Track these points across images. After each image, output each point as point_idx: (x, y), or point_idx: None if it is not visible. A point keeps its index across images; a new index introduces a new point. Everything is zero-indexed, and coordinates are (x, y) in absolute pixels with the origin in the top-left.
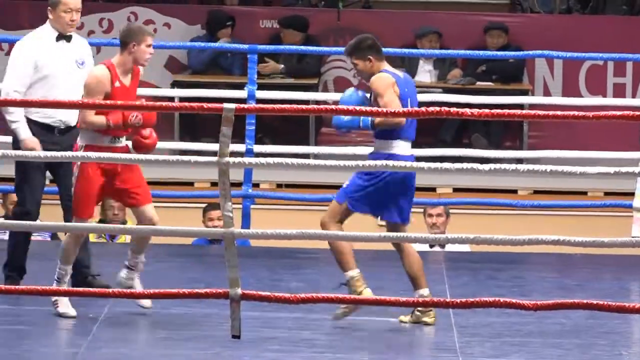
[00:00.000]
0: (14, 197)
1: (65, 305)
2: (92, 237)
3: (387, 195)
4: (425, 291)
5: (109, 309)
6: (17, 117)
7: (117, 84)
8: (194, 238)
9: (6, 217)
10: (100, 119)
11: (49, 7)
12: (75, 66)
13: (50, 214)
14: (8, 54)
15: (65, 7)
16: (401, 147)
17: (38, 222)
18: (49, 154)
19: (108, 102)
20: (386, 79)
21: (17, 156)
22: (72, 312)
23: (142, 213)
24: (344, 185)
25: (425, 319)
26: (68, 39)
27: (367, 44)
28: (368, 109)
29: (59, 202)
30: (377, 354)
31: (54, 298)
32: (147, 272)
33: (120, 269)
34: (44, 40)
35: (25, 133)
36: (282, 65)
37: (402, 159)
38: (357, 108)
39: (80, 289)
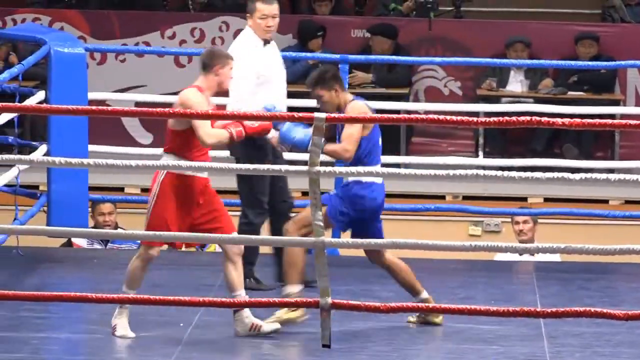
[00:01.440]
0: (102, 207)
1: (123, 327)
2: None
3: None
4: (425, 294)
5: (199, 317)
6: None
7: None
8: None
9: (95, 227)
10: (224, 132)
11: (247, 14)
12: (283, 70)
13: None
14: (100, 63)
15: (260, 13)
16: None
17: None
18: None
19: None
20: (361, 109)
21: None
22: (131, 334)
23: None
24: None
25: (433, 319)
26: (269, 43)
27: (331, 74)
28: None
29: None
30: None
31: (113, 323)
32: None
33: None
34: (257, 46)
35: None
36: (372, 75)
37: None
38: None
39: (172, 297)
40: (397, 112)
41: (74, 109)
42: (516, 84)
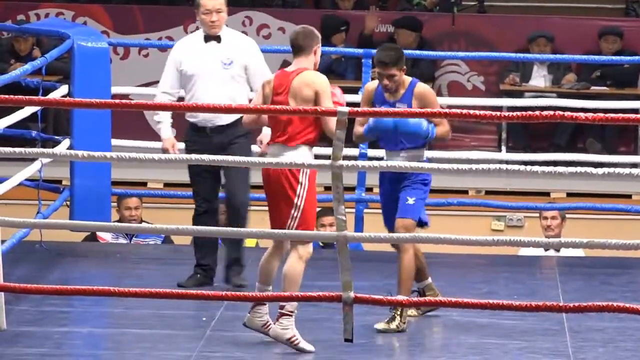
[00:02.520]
0: (128, 202)
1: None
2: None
3: None
4: (429, 280)
5: (222, 312)
6: (160, 118)
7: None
8: None
9: (120, 221)
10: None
11: (194, 10)
12: (220, 66)
13: None
14: (123, 58)
15: (204, 8)
16: None
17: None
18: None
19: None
20: (432, 92)
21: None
22: (310, 347)
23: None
24: (410, 202)
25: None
26: (218, 39)
27: (403, 54)
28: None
29: None
30: (491, 359)
31: (292, 338)
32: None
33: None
34: (193, 42)
35: (165, 133)
36: None
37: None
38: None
39: (195, 291)
40: None
41: (97, 102)
42: (539, 78)
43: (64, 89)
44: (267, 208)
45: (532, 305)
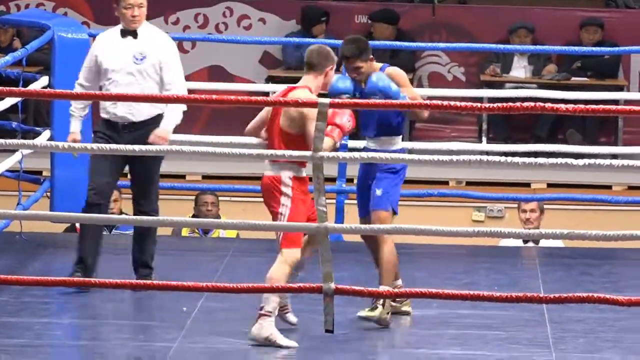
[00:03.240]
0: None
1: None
2: (185, 232)
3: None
4: (399, 282)
5: (202, 303)
6: (70, 111)
7: None
8: None
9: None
10: (330, 141)
11: (114, 4)
12: (132, 61)
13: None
14: None
15: (125, 3)
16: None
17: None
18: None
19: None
20: (402, 73)
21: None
22: (292, 343)
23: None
24: (378, 194)
25: (405, 308)
26: (134, 35)
27: (367, 44)
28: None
29: None
30: (472, 350)
31: (270, 336)
32: (242, 267)
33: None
34: (110, 37)
35: (72, 127)
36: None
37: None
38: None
39: (175, 282)
40: None
41: (77, 94)
42: (520, 69)
43: (44, 80)
44: (247, 199)
45: (512, 297)
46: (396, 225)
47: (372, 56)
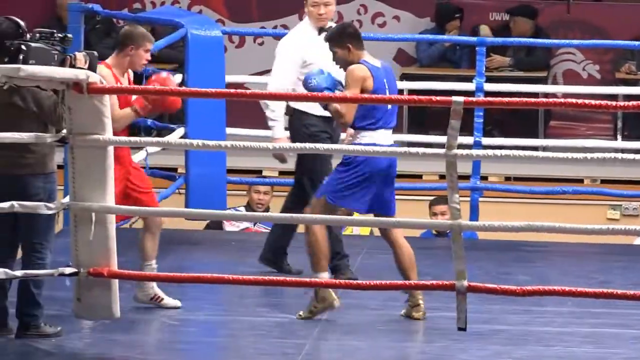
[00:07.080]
0: (258, 186)
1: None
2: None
3: (371, 188)
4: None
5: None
6: (276, 116)
7: (118, 84)
8: (422, 230)
9: (247, 204)
10: (126, 111)
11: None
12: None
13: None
14: (238, 46)
15: (312, 0)
16: (382, 135)
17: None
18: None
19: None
20: (358, 73)
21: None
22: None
23: None
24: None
25: (414, 314)
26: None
27: (347, 32)
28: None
29: None
30: (605, 348)
31: (155, 297)
32: (371, 265)
33: None
34: (306, 35)
35: (279, 132)
36: (509, 58)
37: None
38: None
39: (308, 279)
40: (536, 95)
41: (211, 91)
42: None
43: (178, 78)
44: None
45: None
46: (530, 222)
47: (349, 46)
